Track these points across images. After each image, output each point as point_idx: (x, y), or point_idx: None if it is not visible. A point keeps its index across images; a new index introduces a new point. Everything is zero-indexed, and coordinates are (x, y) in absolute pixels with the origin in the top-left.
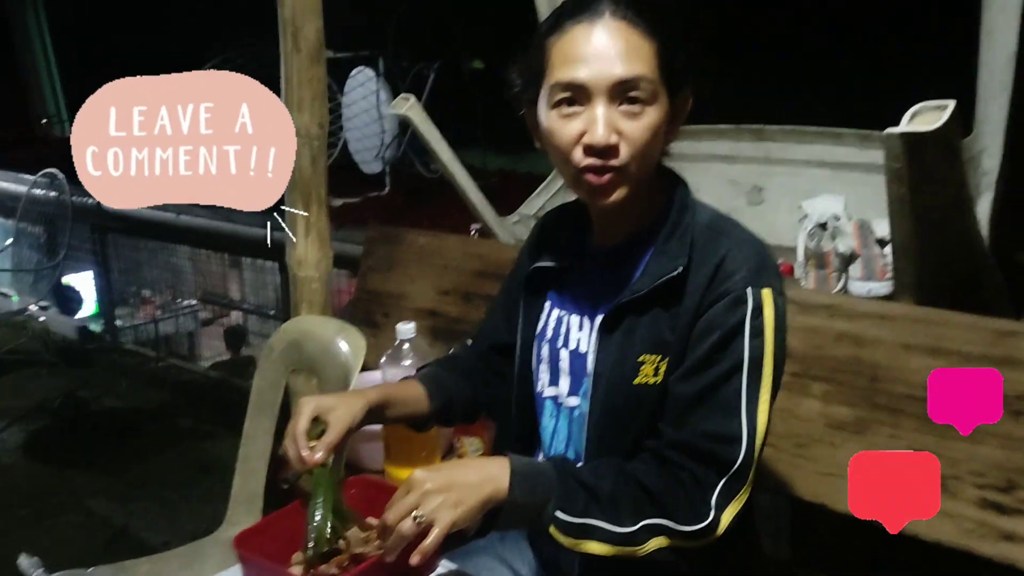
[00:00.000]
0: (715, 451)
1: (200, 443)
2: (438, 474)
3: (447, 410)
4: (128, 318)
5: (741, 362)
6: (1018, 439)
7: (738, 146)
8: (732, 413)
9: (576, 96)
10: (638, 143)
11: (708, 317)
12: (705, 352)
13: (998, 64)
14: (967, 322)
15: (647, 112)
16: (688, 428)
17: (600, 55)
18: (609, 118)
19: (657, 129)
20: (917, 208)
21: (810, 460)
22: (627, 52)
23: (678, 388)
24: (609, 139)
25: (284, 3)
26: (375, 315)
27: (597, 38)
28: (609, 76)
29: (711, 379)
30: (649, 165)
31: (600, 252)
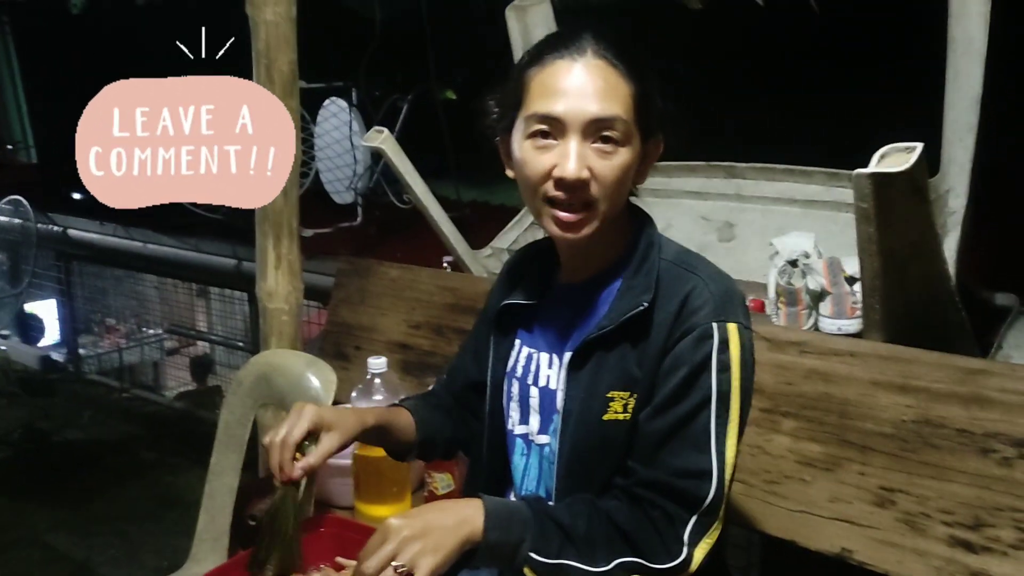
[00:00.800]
0: (686, 488)
1: (164, 476)
2: (414, 520)
3: (430, 444)
4: (92, 347)
5: (709, 397)
6: (986, 477)
7: (709, 183)
8: (702, 449)
9: (551, 129)
10: (608, 181)
11: (675, 353)
12: (673, 388)
13: (963, 106)
14: (935, 360)
15: (619, 152)
16: (659, 465)
17: (578, 91)
18: (582, 154)
19: (628, 169)
20: (885, 247)
21: (781, 497)
22: (605, 91)
23: (647, 425)
24: (580, 174)
25: (258, 35)
26: (346, 348)
27: (577, 74)
28: (585, 113)
29: (680, 415)
30: (617, 204)
31: (567, 289)
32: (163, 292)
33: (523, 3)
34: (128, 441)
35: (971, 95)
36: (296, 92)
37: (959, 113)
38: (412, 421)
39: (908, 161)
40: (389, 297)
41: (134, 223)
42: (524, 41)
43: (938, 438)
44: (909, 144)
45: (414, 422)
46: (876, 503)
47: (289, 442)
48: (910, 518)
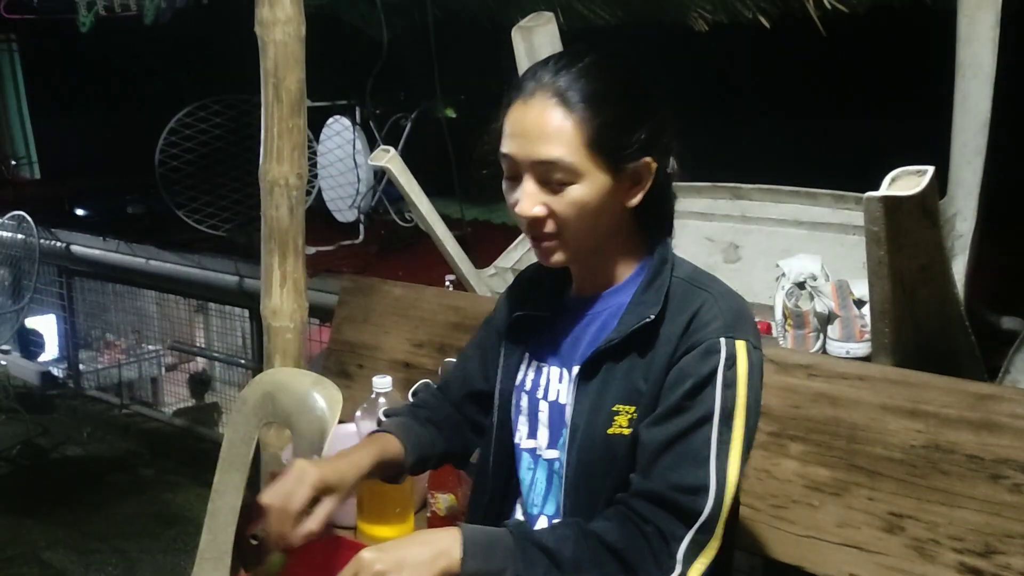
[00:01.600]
0: (681, 502)
1: (163, 494)
2: (387, 554)
3: (420, 464)
4: (91, 363)
5: (712, 412)
6: (997, 503)
7: (715, 204)
8: (700, 463)
9: (511, 168)
10: (563, 217)
11: (681, 365)
12: (676, 400)
13: (972, 129)
14: (945, 385)
15: (571, 189)
16: (655, 477)
17: (525, 133)
18: (533, 192)
19: (585, 203)
20: (895, 271)
21: (788, 521)
22: (547, 134)
23: (647, 435)
24: (531, 211)
25: (266, 54)
26: (349, 366)
27: (526, 116)
28: (531, 155)
29: (681, 427)
30: (588, 233)
31: (578, 303)
32: (163, 308)
33: (529, 24)
34: (127, 458)
35: (980, 119)
36: (304, 111)
37: (967, 136)
38: (401, 448)
39: (919, 184)
40: (392, 315)
41: (137, 239)
42: (530, 61)
43: (948, 464)
44: (920, 167)
45: (403, 448)
46: (885, 529)
47: (291, 511)
48: (919, 544)
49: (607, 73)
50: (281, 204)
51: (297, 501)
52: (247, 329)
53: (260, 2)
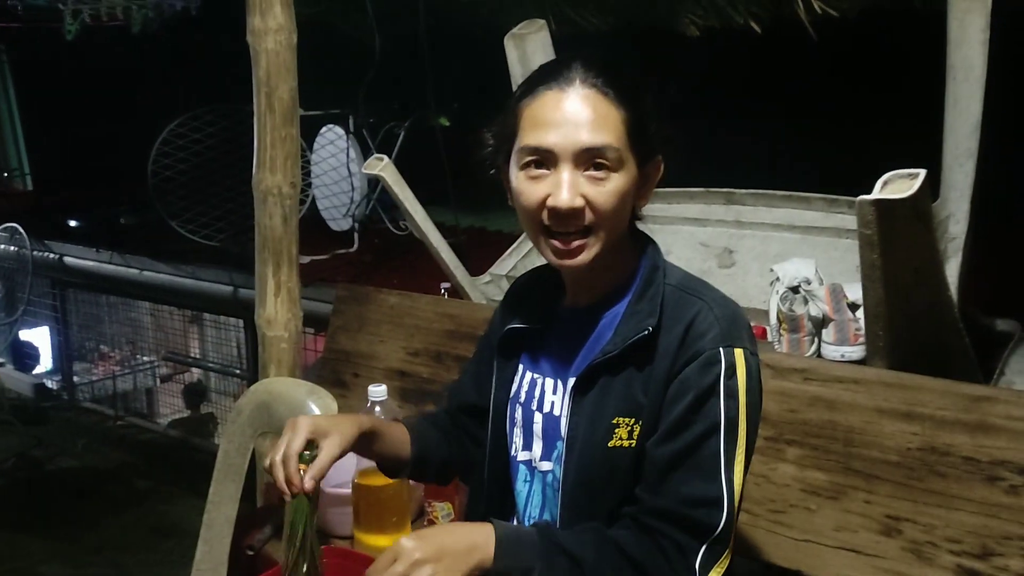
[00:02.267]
0: (696, 516)
1: (158, 505)
2: (426, 543)
3: (423, 462)
4: (86, 374)
5: (717, 424)
6: (993, 505)
7: (708, 209)
8: (711, 476)
9: (543, 159)
10: (603, 208)
11: (682, 378)
12: (680, 414)
13: (963, 132)
14: (941, 387)
15: (612, 178)
16: (667, 493)
17: (568, 121)
18: (574, 182)
19: (623, 195)
20: (889, 274)
21: (786, 526)
22: (595, 120)
23: (654, 452)
24: (573, 202)
25: (259, 64)
26: (344, 375)
27: (567, 105)
28: (576, 143)
29: (688, 442)
30: (616, 229)
31: (572, 314)
32: (157, 319)
33: (522, 31)
34: (122, 469)
35: (971, 121)
36: (296, 119)
37: (959, 139)
38: (407, 436)
39: (912, 187)
40: (388, 324)
41: (130, 250)
42: (523, 69)
43: (944, 466)
44: (912, 170)
45: (409, 438)
46: (882, 532)
47: (291, 454)
48: (917, 547)
49: (626, 71)
50: (275, 213)
51: (296, 445)
52: (242, 339)
53: (252, 11)
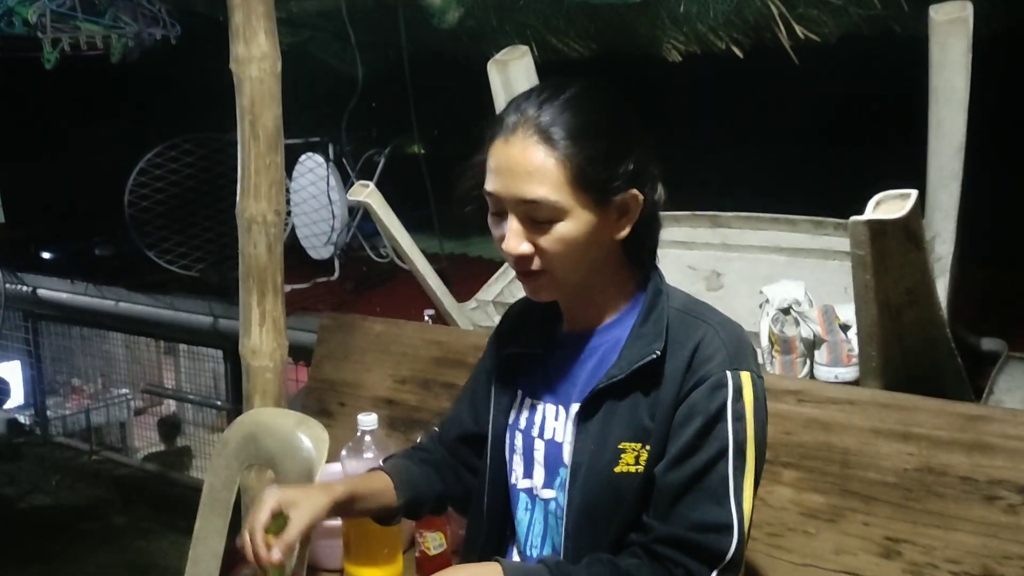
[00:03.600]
0: (707, 543)
1: (136, 541)
2: None
3: (415, 504)
4: (58, 408)
5: (726, 448)
6: (992, 524)
7: (695, 232)
8: (721, 501)
9: (496, 205)
10: (550, 252)
11: (689, 402)
12: (689, 439)
13: (947, 154)
14: (936, 407)
15: (557, 226)
16: (677, 520)
17: (507, 172)
18: (519, 230)
19: (572, 239)
20: (881, 294)
21: (785, 550)
22: (530, 173)
23: (663, 479)
24: (518, 249)
25: (243, 92)
26: (330, 404)
27: (508, 155)
28: (514, 194)
29: (697, 467)
30: (576, 267)
31: (572, 338)
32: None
33: (504, 57)
34: (98, 505)
35: (954, 143)
36: (281, 147)
37: (943, 161)
38: (390, 485)
39: (903, 208)
40: (374, 352)
41: (105, 281)
42: (506, 94)
43: (942, 486)
44: (903, 191)
45: (394, 485)
46: (882, 554)
47: (256, 528)
48: (917, 568)
49: (591, 105)
50: (259, 241)
51: (261, 518)
52: (218, 371)
53: (236, 39)
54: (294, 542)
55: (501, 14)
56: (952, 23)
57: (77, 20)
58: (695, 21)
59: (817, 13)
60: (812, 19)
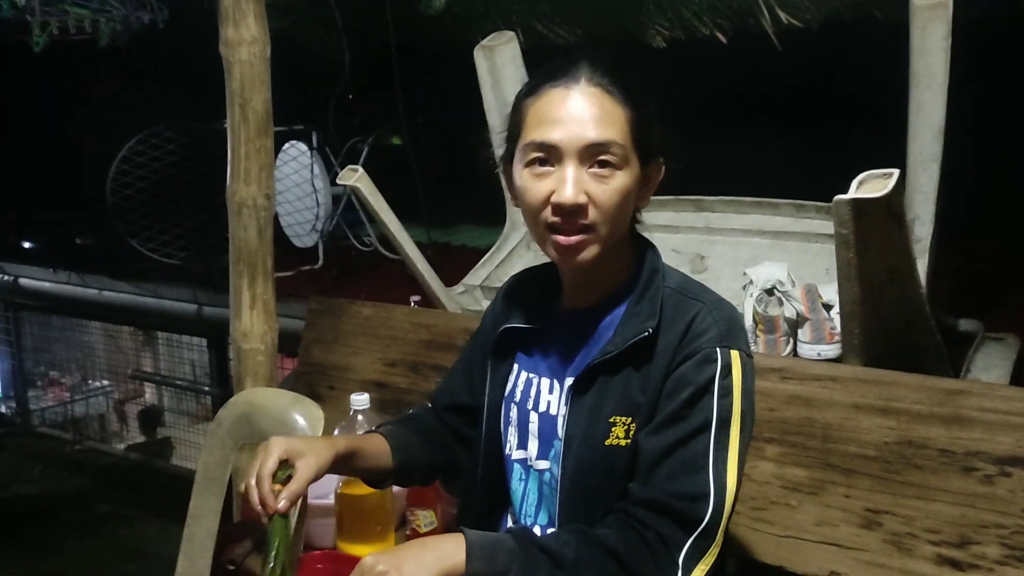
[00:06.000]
0: (682, 509)
1: (120, 529)
2: (388, 555)
3: (407, 469)
4: (39, 399)
5: (710, 421)
6: (969, 495)
7: (679, 216)
8: (699, 470)
9: (548, 156)
10: (606, 204)
11: (678, 374)
12: (675, 408)
13: (927, 136)
14: (915, 382)
15: (616, 176)
16: (654, 485)
17: (574, 118)
18: (578, 179)
19: (626, 193)
20: (864, 272)
21: (768, 523)
22: (600, 117)
23: (646, 443)
24: (577, 199)
25: (232, 75)
26: (319, 388)
27: (572, 102)
28: (581, 139)
29: (679, 435)
30: (618, 227)
31: (570, 314)
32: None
33: (491, 43)
34: (81, 494)
35: (934, 126)
36: (270, 131)
37: (923, 144)
38: (387, 447)
39: (886, 187)
40: (363, 336)
41: (88, 270)
42: (492, 80)
43: (921, 458)
44: (886, 171)
45: (390, 448)
46: (863, 525)
47: (264, 475)
48: (897, 539)
49: (631, 71)
50: (249, 225)
51: (269, 465)
52: (197, 360)
53: (225, 23)
54: (302, 491)
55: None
56: (932, 8)
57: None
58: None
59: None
60: (795, 5)
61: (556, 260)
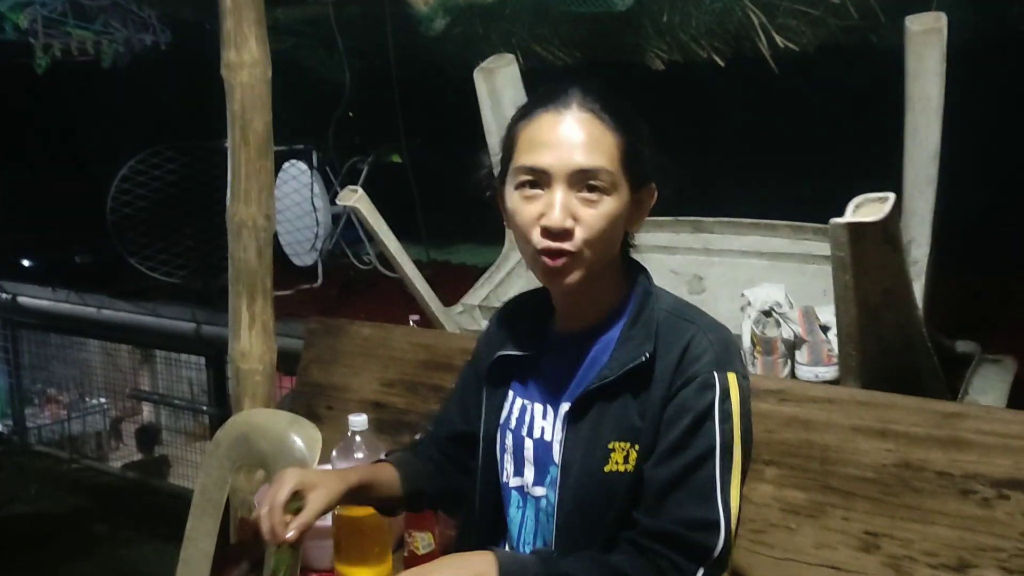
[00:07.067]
0: (694, 539)
1: (117, 550)
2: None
3: (417, 497)
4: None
5: (713, 447)
6: (968, 517)
7: (677, 237)
8: (708, 499)
9: (538, 180)
10: (593, 229)
11: (678, 401)
12: (677, 436)
13: (922, 160)
14: (913, 404)
15: (605, 201)
16: (665, 515)
17: (564, 143)
18: (566, 203)
19: (614, 218)
20: (861, 295)
21: (767, 545)
22: (590, 143)
23: (652, 474)
24: (564, 223)
25: (233, 97)
26: (318, 408)
27: (563, 127)
28: (570, 164)
29: (685, 464)
30: (606, 252)
31: (563, 339)
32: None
33: (491, 65)
34: (78, 514)
35: (930, 150)
36: (271, 152)
37: (918, 167)
38: (397, 476)
39: (882, 211)
40: (361, 356)
41: (87, 289)
42: (492, 101)
43: (919, 481)
44: (882, 194)
45: (399, 477)
46: (861, 548)
47: (277, 505)
48: (895, 562)
49: (623, 98)
50: (249, 246)
51: (281, 496)
52: (195, 378)
53: (227, 45)
54: (311, 523)
55: (487, 22)
56: (927, 33)
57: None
58: (678, 30)
59: (796, 23)
60: (791, 29)
61: (544, 282)
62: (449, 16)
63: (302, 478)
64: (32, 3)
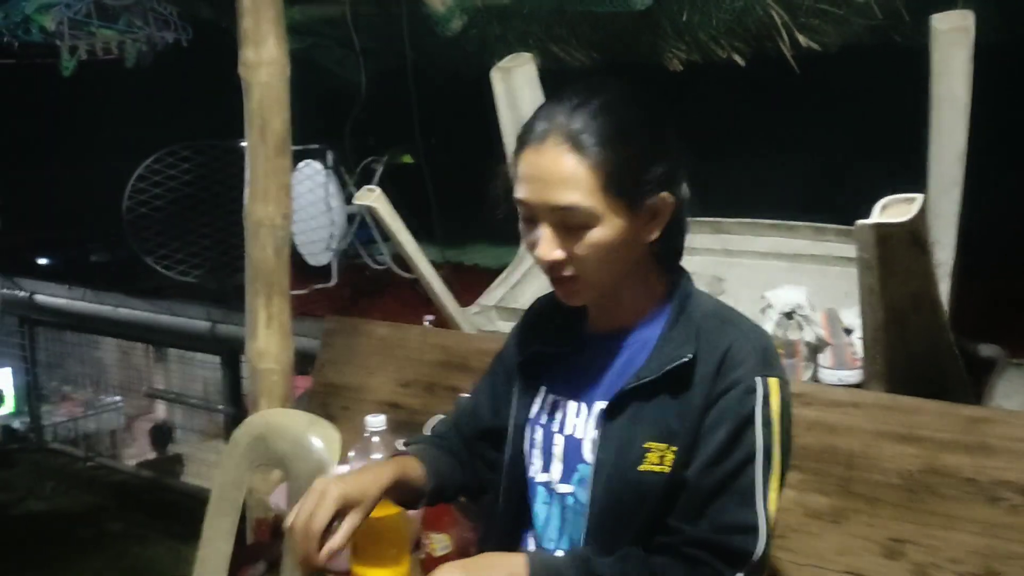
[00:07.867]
0: (735, 544)
1: (131, 547)
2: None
3: (440, 491)
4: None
5: (754, 452)
6: (995, 525)
7: (697, 238)
8: (748, 503)
9: (528, 212)
10: (583, 260)
11: (720, 406)
12: (720, 443)
13: (948, 160)
14: (939, 409)
15: (590, 232)
16: (705, 522)
17: (539, 179)
18: (550, 237)
19: (606, 245)
20: (887, 298)
21: (790, 551)
22: (562, 180)
23: (694, 481)
24: (551, 255)
25: (251, 96)
26: (333, 408)
27: (539, 163)
28: (546, 202)
29: (727, 470)
30: (611, 272)
31: (599, 338)
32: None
33: (508, 64)
34: (93, 512)
35: (956, 150)
36: (289, 151)
37: (944, 167)
38: (423, 472)
39: (910, 212)
40: (378, 356)
41: (103, 287)
42: (508, 101)
43: (945, 487)
44: (909, 195)
45: (424, 472)
46: (886, 555)
47: (314, 530)
48: (920, 569)
49: (623, 110)
50: (267, 245)
51: (320, 520)
52: (209, 377)
53: (245, 44)
54: (344, 547)
55: (504, 22)
56: (954, 32)
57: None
58: (697, 30)
59: (819, 22)
60: (814, 28)
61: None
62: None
63: (344, 498)
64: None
